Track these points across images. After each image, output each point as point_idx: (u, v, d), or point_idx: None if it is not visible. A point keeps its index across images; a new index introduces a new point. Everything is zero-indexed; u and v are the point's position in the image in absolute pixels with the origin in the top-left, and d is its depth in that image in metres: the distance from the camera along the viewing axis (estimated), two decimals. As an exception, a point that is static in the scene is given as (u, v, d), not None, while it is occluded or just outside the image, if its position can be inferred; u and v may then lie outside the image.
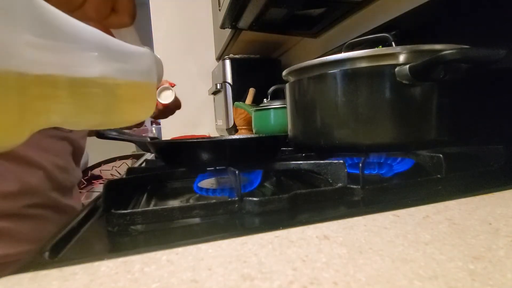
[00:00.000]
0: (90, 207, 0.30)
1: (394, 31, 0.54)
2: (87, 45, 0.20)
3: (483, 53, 0.30)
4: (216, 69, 1.39)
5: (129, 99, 0.25)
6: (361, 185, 0.29)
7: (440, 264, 0.15)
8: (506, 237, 0.18)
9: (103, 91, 0.21)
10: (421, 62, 0.32)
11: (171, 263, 0.17)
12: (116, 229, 0.24)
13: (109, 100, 0.22)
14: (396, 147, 0.37)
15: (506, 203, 0.24)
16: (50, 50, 0.17)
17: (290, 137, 0.48)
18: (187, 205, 0.25)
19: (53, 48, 0.17)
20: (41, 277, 0.17)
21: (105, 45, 0.22)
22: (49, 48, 0.17)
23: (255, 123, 0.83)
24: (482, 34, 0.45)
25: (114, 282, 0.16)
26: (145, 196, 0.36)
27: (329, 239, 0.19)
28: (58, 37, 0.18)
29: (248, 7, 0.80)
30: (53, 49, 0.17)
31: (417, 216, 0.22)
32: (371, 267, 0.15)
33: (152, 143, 0.42)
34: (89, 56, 0.20)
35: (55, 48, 0.17)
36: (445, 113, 0.36)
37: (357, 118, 0.37)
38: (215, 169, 0.37)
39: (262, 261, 0.17)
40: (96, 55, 0.20)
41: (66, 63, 0.18)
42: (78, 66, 0.19)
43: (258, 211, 0.26)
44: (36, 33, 0.16)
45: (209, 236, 0.21)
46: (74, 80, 0.19)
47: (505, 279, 0.14)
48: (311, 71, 0.42)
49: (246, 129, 1.05)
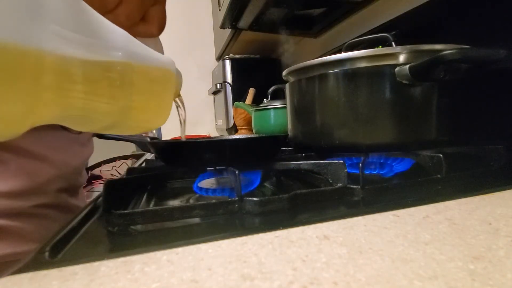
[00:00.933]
0: (90, 207, 0.30)
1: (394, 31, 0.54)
2: (113, 44, 0.21)
3: (483, 53, 0.30)
4: (216, 69, 1.39)
5: (145, 100, 0.25)
6: (361, 185, 0.29)
7: (440, 264, 0.15)
8: (506, 237, 0.18)
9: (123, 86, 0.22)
10: (421, 62, 0.32)
11: (171, 263, 0.17)
12: (116, 229, 0.24)
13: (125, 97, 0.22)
14: (396, 147, 0.37)
15: (506, 203, 0.24)
16: (76, 43, 0.18)
17: (290, 137, 0.48)
18: (187, 205, 0.25)
19: (79, 41, 0.18)
20: (41, 277, 0.17)
21: (130, 47, 0.22)
22: (75, 41, 0.17)
23: (255, 123, 0.83)
24: (482, 34, 0.45)
25: (114, 282, 0.16)
26: (145, 196, 0.36)
27: (329, 239, 0.19)
28: (87, 33, 0.18)
29: (248, 7, 0.80)
30: (79, 42, 0.18)
31: (417, 216, 0.22)
32: (371, 267, 0.15)
33: (152, 143, 0.42)
34: (113, 54, 0.20)
35: (81, 42, 0.18)
36: (445, 113, 0.36)
37: (357, 118, 0.37)
38: (215, 169, 0.37)
39: (262, 261, 0.17)
40: (120, 54, 0.21)
41: (89, 57, 0.19)
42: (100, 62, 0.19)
43: (258, 211, 0.26)
44: (65, 25, 0.17)
45: (209, 236, 0.21)
46: (93, 73, 0.19)
47: (505, 279, 0.14)
48: (311, 71, 0.42)
49: (246, 129, 1.05)
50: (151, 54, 0.25)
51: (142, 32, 0.30)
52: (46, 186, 0.45)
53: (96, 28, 0.19)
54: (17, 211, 0.42)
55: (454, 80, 0.35)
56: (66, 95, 0.18)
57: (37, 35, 0.15)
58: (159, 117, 0.28)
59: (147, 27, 0.30)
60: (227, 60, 1.26)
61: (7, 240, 0.41)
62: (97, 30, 0.19)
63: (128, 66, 0.21)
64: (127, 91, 0.22)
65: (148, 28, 0.30)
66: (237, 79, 1.25)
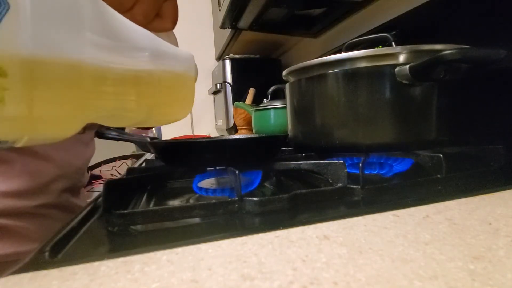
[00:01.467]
0: (90, 207, 0.30)
1: (394, 31, 0.54)
2: (140, 45, 0.22)
3: (483, 53, 0.30)
4: (216, 69, 1.39)
5: (172, 95, 0.26)
6: (361, 185, 0.29)
7: (440, 264, 0.15)
8: (506, 237, 0.18)
9: (150, 85, 0.23)
10: (421, 62, 0.32)
11: (171, 263, 0.17)
12: (116, 229, 0.24)
13: (155, 94, 0.24)
14: (396, 147, 0.37)
15: (506, 203, 0.24)
16: (108, 48, 0.19)
17: (290, 137, 0.48)
18: (187, 205, 0.25)
19: (110, 46, 0.19)
20: (41, 277, 0.17)
21: (155, 46, 0.23)
22: (107, 46, 0.19)
23: (255, 123, 0.83)
24: (482, 34, 0.45)
25: (114, 282, 0.16)
26: (145, 196, 0.36)
27: (329, 239, 0.19)
28: (115, 37, 0.19)
29: (248, 7, 0.80)
30: (110, 48, 0.19)
31: (417, 216, 0.22)
32: (371, 267, 0.15)
33: (152, 143, 0.42)
34: (141, 55, 0.22)
35: (112, 47, 0.19)
36: (445, 113, 0.36)
37: (357, 118, 0.37)
38: (215, 169, 0.37)
39: (262, 261, 0.17)
40: (147, 54, 0.22)
41: (121, 61, 0.20)
42: (130, 64, 0.21)
43: (258, 211, 0.26)
44: (98, 32, 0.18)
45: (209, 236, 0.21)
46: (126, 75, 0.20)
47: (505, 279, 0.14)
48: (311, 71, 0.41)
49: (246, 129, 1.05)
50: (173, 50, 0.26)
51: (157, 27, 0.30)
52: (50, 186, 0.45)
53: (122, 30, 0.20)
54: (21, 211, 0.42)
55: (454, 80, 0.35)
56: (101, 97, 0.19)
57: (76, 45, 0.16)
58: (184, 108, 0.29)
59: (161, 22, 0.30)
60: (227, 60, 1.26)
61: (10, 239, 0.41)
62: (123, 33, 0.20)
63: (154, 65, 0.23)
64: (154, 89, 0.23)
65: (163, 23, 0.30)
66: (237, 79, 1.25)
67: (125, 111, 0.22)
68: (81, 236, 0.23)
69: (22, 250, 0.41)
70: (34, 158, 0.43)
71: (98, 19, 0.18)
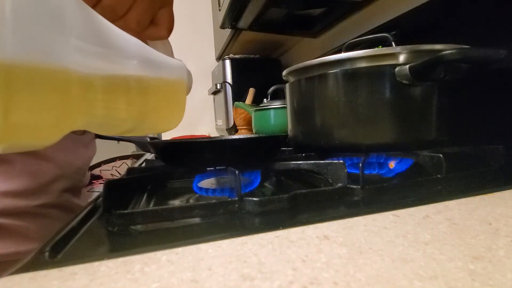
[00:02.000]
0: (90, 207, 0.30)
1: (394, 31, 0.54)
2: (128, 54, 0.21)
3: (483, 53, 0.30)
4: (216, 69, 1.39)
5: (160, 104, 0.26)
6: (361, 185, 0.29)
7: (440, 264, 0.15)
8: (506, 237, 0.18)
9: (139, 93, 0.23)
10: (421, 62, 0.32)
11: (171, 263, 0.17)
12: (116, 229, 0.24)
13: (143, 103, 0.23)
14: (396, 147, 0.37)
15: (506, 203, 0.24)
16: (95, 55, 0.18)
17: (290, 137, 0.48)
18: (187, 205, 0.25)
19: (97, 53, 0.19)
20: (41, 277, 0.17)
21: (144, 55, 0.23)
22: (94, 53, 0.18)
23: (255, 123, 0.83)
24: (482, 34, 0.45)
25: (114, 282, 0.16)
26: (145, 196, 0.36)
27: (329, 239, 0.19)
28: (103, 44, 0.19)
29: (248, 7, 0.80)
30: (97, 54, 0.19)
31: (417, 216, 0.22)
32: (371, 267, 0.15)
33: (152, 143, 0.42)
34: (129, 63, 0.21)
35: (99, 54, 0.19)
36: (445, 113, 0.36)
37: (357, 118, 0.37)
38: (215, 169, 0.37)
39: (262, 261, 0.17)
40: (136, 63, 0.22)
41: (108, 68, 0.19)
42: (118, 71, 0.20)
43: (258, 211, 0.26)
44: (84, 38, 0.17)
45: (209, 236, 0.21)
46: (113, 83, 0.20)
47: (505, 279, 0.14)
48: (311, 71, 0.41)
49: (246, 129, 1.05)
50: (163, 59, 0.25)
51: (151, 35, 0.30)
52: (50, 186, 0.45)
53: (111, 38, 0.20)
54: (22, 211, 0.42)
55: (454, 80, 0.35)
56: (89, 104, 0.19)
57: (60, 51, 0.16)
58: (174, 118, 0.29)
59: (156, 30, 0.30)
60: (227, 60, 1.26)
61: (11, 239, 0.41)
62: (112, 40, 0.20)
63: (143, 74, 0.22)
64: (143, 98, 0.23)
65: (158, 31, 0.30)
66: (237, 79, 1.25)
67: (113, 119, 0.22)
68: (81, 236, 0.23)
69: (22, 249, 0.41)
70: (35, 158, 0.43)
71: (85, 25, 0.18)
